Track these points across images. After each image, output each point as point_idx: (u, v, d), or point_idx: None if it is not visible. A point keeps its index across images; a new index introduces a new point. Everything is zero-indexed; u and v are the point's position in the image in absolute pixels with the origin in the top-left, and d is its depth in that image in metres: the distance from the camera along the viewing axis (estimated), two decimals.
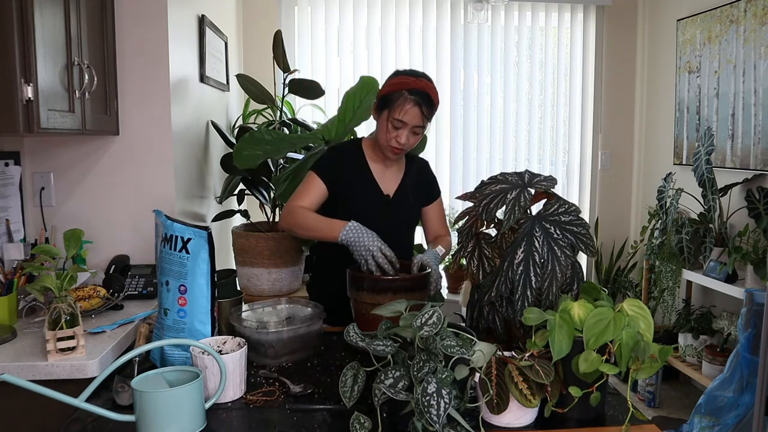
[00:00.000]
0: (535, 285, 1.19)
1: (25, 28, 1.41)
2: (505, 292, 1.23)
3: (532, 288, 1.19)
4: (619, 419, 1.15)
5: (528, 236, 1.22)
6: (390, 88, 1.74)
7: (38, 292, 1.42)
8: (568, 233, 1.23)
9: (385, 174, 1.86)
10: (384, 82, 1.81)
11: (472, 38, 3.78)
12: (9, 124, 1.41)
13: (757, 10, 2.85)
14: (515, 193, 1.28)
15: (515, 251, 1.22)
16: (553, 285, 1.20)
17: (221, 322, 1.53)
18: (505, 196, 1.28)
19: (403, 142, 1.73)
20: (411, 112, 1.69)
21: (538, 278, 1.19)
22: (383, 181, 1.85)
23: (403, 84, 1.71)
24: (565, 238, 1.22)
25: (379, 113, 1.77)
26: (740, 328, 2.42)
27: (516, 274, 1.20)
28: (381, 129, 1.77)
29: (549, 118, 3.92)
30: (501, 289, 1.23)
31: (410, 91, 1.69)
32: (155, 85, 2.06)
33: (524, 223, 1.25)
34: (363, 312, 1.51)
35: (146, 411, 1.05)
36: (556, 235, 1.22)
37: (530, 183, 1.31)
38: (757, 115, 2.87)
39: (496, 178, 1.36)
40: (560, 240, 1.22)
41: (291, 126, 2.84)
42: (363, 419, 1.05)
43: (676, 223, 2.98)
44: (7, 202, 1.89)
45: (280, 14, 3.58)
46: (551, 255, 1.20)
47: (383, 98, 1.75)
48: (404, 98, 1.69)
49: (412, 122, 1.71)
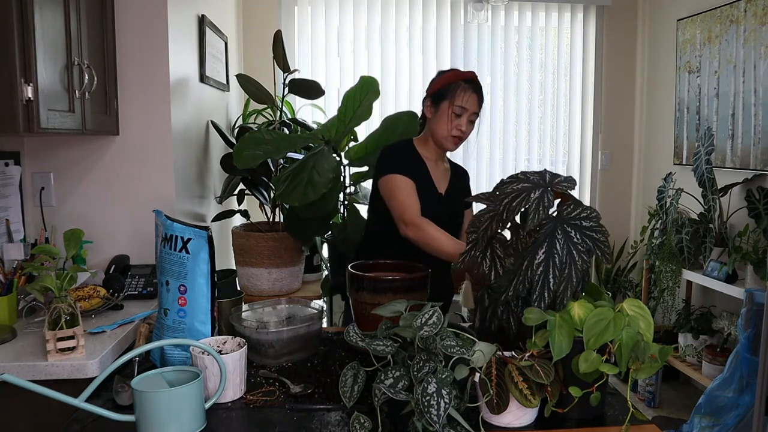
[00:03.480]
0: (553, 287, 1.18)
1: (25, 28, 1.41)
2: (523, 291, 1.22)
3: (550, 290, 1.18)
4: (619, 419, 1.15)
5: (550, 237, 1.21)
6: (445, 80, 1.85)
7: (38, 292, 1.43)
8: (587, 239, 1.21)
9: (438, 173, 1.93)
10: (432, 81, 1.91)
11: (472, 38, 3.78)
12: (9, 124, 1.41)
13: (757, 10, 2.85)
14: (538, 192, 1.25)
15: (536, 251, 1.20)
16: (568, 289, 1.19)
17: (221, 322, 1.53)
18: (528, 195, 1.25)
19: (464, 129, 1.83)
20: (471, 98, 1.82)
21: (557, 280, 1.18)
22: (437, 179, 1.92)
23: (458, 75, 1.84)
24: (584, 243, 1.21)
25: (437, 106, 1.85)
26: (740, 328, 2.42)
27: (535, 274, 1.19)
28: (441, 120, 1.84)
29: (549, 118, 3.92)
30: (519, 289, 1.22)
31: (465, 80, 1.83)
32: (155, 85, 2.06)
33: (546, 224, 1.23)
34: (363, 312, 1.51)
35: (146, 411, 1.05)
36: (576, 240, 1.21)
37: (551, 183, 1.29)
38: (757, 115, 2.87)
39: (516, 177, 1.33)
40: (579, 245, 1.20)
41: (291, 126, 2.84)
42: (363, 419, 1.05)
43: (676, 223, 2.98)
44: (7, 202, 1.89)
45: (280, 14, 3.58)
46: (569, 259, 1.19)
47: (440, 91, 1.84)
48: (462, 87, 1.81)
49: (472, 108, 1.82)
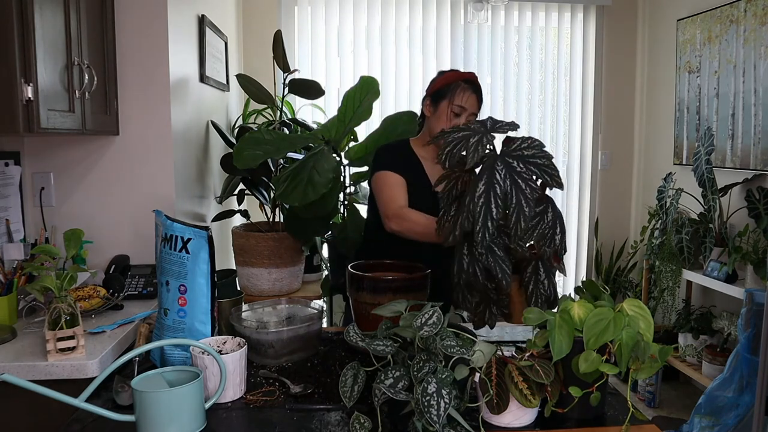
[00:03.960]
0: (496, 215, 1.19)
1: (25, 28, 1.41)
2: (468, 227, 1.22)
3: (493, 219, 1.19)
4: (619, 419, 1.15)
5: (489, 170, 1.22)
6: (445, 80, 1.86)
7: (38, 292, 1.42)
8: (531, 165, 1.22)
9: (434, 171, 1.92)
10: (432, 80, 1.92)
11: (472, 38, 3.78)
12: (9, 124, 1.40)
13: (757, 10, 2.85)
14: (477, 137, 1.29)
15: (476, 185, 1.21)
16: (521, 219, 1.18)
17: (221, 322, 1.53)
18: (468, 140, 1.29)
19: None
20: (471, 99, 1.83)
21: (499, 209, 1.19)
22: (434, 178, 1.90)
23: (458, 75, 1.86)
24: (528, 171, 1.21)
25: (437, 105, 1.86)
26: (740, 328, 2.42)
27: (477, 206, 1.19)
28: (440, 119, 1.85)
29: (549, 118, 3.92)
30: (464, 225, 1.23)
31: (465, 81, 1.84)
32: (155, 85, 2.06)
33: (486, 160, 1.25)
34: (363, 312, 1.51)
35: (146, 411, 1.05)
36: (519, 169, 1.22)
37: (492, 128, 1.32)
38: (757, 115, 2.86)
39: (458, 128, 1.37)
40: (524, 173, 1.21)
41: (291, 126, 2.84)
42: (363, 419, 1.05)
43: (676, 223, 2.98)
44: (7, 202, 1.89)
45: (280, 14, 3.58)
46: (515, 188, 1.20)
47: (439, 91, 1.85)
48: (462, 87, 1.82)
49: (471, 108, 1.83)
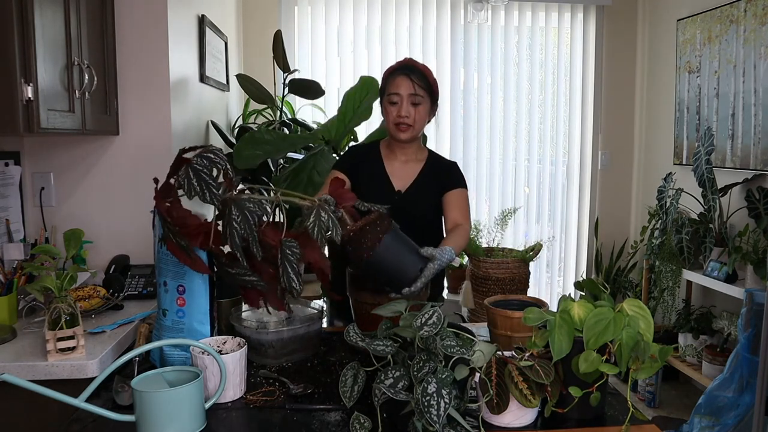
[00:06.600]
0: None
1: (25, 28, 1.41)
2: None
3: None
4: (619, 419, 1.15)
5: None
6: (382, 79, 1.87)
7: (38, 292, 1.42)
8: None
9: (399, 170, 1.90)
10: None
11: (472, 38, 3.78)
12: (9, 124, 1.41)
13: (757, 10, 2.85)
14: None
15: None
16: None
17: (221, 322, 1.53)
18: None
19: (404, 114, 1.78)
20: (401, 82, 1.77)
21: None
22: (396, 177, 1.89)
23: (390, 69, 1.84)
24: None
25: (381, 104, 1.86)
26: (740, 328, 2.42)
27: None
28: (384, 115, 1.84)
29: (549, 118, 3.92)
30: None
31: (395, 69, 1.82)
32: (155, 85, 2.06)
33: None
34: (363, 312, 1.51)
35: (146, 411, 1.05)
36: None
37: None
38: (757, 115, 2.86)
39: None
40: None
41: (291, 126, 2.85)
42: (363, 419, 1.05)
43: (676, 223, 2.97)
44: (7, 202, 1.89)
45: (280, 14, 3.58)
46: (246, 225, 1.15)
47: (379, 92, 1.87)
48: (392, 76, 1.80)
49: (406, 92, 1.77)
